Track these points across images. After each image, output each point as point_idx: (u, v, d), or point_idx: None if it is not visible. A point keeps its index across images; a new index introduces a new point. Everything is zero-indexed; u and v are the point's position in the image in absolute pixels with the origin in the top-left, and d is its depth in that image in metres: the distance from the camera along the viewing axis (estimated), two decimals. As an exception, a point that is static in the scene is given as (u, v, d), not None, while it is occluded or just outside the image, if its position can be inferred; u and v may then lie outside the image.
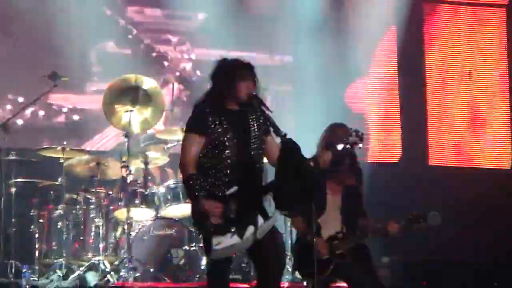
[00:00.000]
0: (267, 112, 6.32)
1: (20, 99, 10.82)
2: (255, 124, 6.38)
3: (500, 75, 12.67)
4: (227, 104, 6.34)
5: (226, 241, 6.16)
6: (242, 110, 6.34)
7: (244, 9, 11.77)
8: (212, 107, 6.31)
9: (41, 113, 11.11)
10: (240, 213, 6.20)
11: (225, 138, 6.24)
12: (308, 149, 6.64)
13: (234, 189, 6.18)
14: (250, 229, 6.21)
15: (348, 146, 7.04)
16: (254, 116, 6.39)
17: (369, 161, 11.80)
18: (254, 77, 6.40)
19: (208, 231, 6.18)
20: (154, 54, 11.64)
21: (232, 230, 6.16)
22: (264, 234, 6.27)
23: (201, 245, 9.17)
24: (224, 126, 6.27)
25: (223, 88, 6.36)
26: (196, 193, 6.15)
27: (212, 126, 6.25)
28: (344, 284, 8.15)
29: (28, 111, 10.74)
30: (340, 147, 6.90)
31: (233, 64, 6.45)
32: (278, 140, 6.28)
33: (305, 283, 8.92)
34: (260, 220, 6.27)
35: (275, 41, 11.85)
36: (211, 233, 6.16)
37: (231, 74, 6.38)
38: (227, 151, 6.24)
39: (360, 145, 7.07)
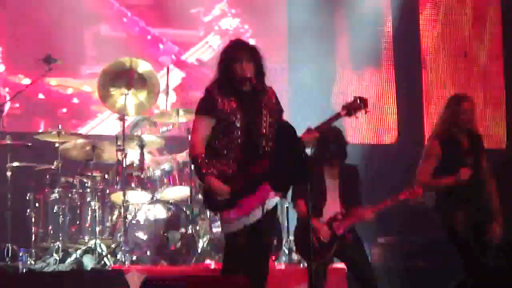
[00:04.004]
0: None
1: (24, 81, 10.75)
2: (268, 104, 6.39)
3: (494, 55, 12.66)
4: (238, 85, 6.35)
5: (233, 215, 6.25)
6: (255, 90, 6.34)
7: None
8: (221, 89, 6.34)
9: (41, 96, 11.06)
10: (247, 188, 6.25)
11: (234, 119, 6.28)
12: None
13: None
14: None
15: (352, 112, 6.59)
16: (266, 96, 6.41)
17: (365, 142, 11.82)
18: (250, 58, 6.38)
19: (215, 207, 6.28)
20: (149, 37, 11.60)
21: (239, 204, 6.22)
22: (267, 212, 6.31)
23: (198, 228, 9.24)
24: (233, 107, 6.30)
25: (221, 74, 6.40)
26: (204, 171, 6.20)
27: (221, 107, 6.29)
28: (342, 265, 8.21)
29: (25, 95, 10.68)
30: (344, 113, 6.63)
31: (228, 46, 6.49)
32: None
33: (301, 266, 8.96)
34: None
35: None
36: (220, 208, 6.25)
37: (224, 58, 6.42)
38: (237, 132, 6.27)
39: (365, 110, 6.61)
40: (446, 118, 7.74)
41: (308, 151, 6.47)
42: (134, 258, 8.86)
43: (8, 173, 9.31)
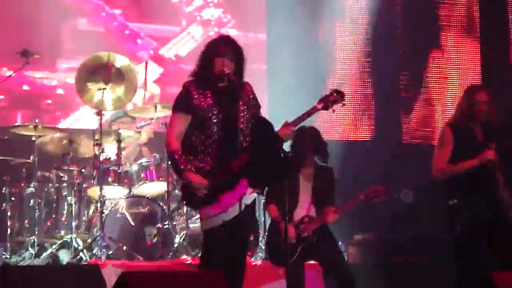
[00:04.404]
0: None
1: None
2: (245, 99, 6.38)
3: (472, 49, 12.66)
4: (214, 81, 6.35)
5: (213, 211, 6.25)
6: (231, 86, 6.34)
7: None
8: (198, 85, 6.33)
9: (25, 87, 10.98)
10: (225, 184, 6.24)
11: (211, 115, 6.27)
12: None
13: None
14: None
15: (329, 104, 6.49)
16: (244, 91, 6.40)
17: (342, 139, 11.83)
18: (231, 53, 6.37)
19: (195, 203, 6.28)
20: (127, 32, 11.57)
21: (218, 200, 6.23)
22: (245, 207, 6.31)
23: (174, 223, 9.23)
24: (210, 102, 6.29)
25: (201, 66, 6.40)
26: (182, 167, 6.20)
27: (197, 103, 6.28)
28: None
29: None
30: (320, 106, 6.52)
31: (210, 41, 6.49)
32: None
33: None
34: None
35: (248, 18, 11.82)
36: (198, 205, 6.24)
37: (207, 51, 6.42)
38: (213, 128, 6.27)
39: (342, 103, 6.51)
40: (460, 108, 7.56)
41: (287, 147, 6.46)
42: (110, 253, 8.82)
43: (-17, 167, 9.27)
